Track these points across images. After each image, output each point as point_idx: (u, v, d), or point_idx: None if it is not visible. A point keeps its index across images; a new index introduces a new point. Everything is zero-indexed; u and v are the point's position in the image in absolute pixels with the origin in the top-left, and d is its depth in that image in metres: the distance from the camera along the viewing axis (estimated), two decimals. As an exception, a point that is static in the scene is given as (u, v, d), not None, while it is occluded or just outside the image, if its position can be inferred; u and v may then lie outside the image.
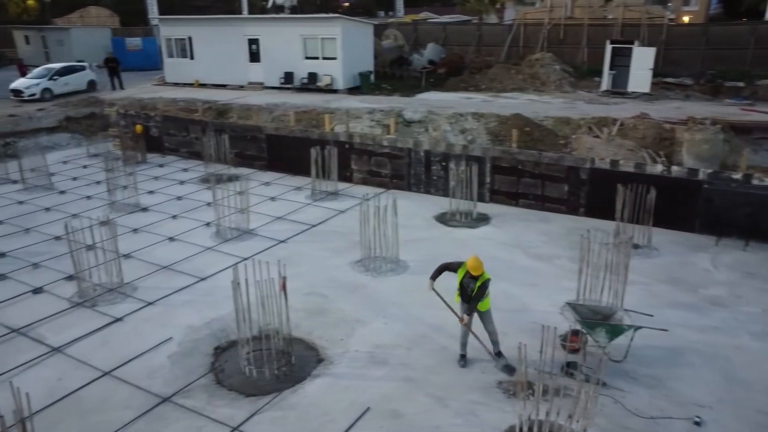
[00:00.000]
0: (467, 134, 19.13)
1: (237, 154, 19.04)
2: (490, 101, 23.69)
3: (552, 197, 14.26)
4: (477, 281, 7.51)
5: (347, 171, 16.93)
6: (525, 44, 33.63)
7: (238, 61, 26.94)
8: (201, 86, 28.16)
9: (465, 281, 7.65)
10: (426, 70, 30.21)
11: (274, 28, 25.76)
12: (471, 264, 7.48)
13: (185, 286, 10.39)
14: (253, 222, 13.42)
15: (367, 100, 23.28)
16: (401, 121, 19.76)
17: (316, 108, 21.85)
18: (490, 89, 27.57)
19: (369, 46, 27.92)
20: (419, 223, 13.70)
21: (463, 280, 7.66)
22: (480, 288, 7.54)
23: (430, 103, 22.49)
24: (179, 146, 20.56)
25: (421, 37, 37.28)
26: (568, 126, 19.33)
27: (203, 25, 27.26)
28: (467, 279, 7.61)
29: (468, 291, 7.64)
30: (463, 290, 7.71)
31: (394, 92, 26.22)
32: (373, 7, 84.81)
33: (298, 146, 17.52)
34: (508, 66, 29.06)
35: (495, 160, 14.76)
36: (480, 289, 7.55)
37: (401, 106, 21.46)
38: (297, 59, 25.60)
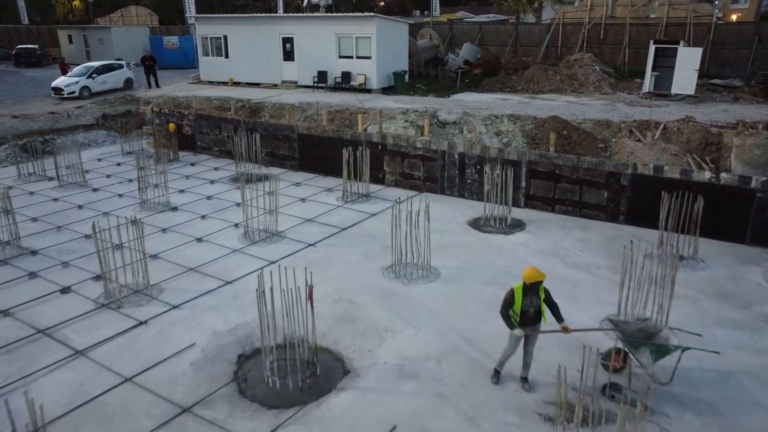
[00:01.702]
0: (503, 137, 18.60)
1: (268, 153, 18.91)
2: (526, 103, 23.07)
3: (590, 203, 13.67)
4: (540, 290, 7.00)
5: (380, 173, 16.60)
6: (563, 44, 32.80)
7: (272, 59, 26.87)
8: (235, 85, 28.20)
9: (526, 304, 6.98)
10: (461, 70, 29.70)
11: (308, 26, 25.61)
12: (529, 274, 6.90)
13: (211, 289, 10.19)
14: (283, 224, 13.19)
15: (401, 101, 22.92)
16: (435, 122, 19.34)
17: (349, 107, 21.58)
18: (526, 90, 26.90)
19: (404, 46, 27.55)
20: (452, 227, 13.27)
21: (524, 304, 6.98)
22: (547, 293, 7.08)
23: (465, 104, 22.00)
24: (212, 145, 20.54)
25: (457, 37, 36.74)
26: (607, 129, 18.62)
27: (238, 24, 27.28)
28: (528, 298, 6.98)
29: (531, 312, 7.03)
30: (525, 315, 7.04)
31: (429, 92, 25.79)
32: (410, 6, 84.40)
33: (330, 147, 17.29)
34: (545, 67, 28.32)
35: (531, 164, 14.23)
36: (547, 294, 7.09)
37: (436, 106, 21.03)
38: (331, 58, 25.40)
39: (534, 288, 6.94)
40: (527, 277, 6.88)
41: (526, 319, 7.06)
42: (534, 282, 6.88)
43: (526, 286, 6.94)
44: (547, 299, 7.12)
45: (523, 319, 7.05)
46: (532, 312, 7.04)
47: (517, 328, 7.01)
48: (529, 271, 6.92)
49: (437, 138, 18.21)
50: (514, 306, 6.98)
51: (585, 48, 31.68)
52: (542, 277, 6.88)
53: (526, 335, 7.16)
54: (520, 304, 6.96)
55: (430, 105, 21.43)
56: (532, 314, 7.06)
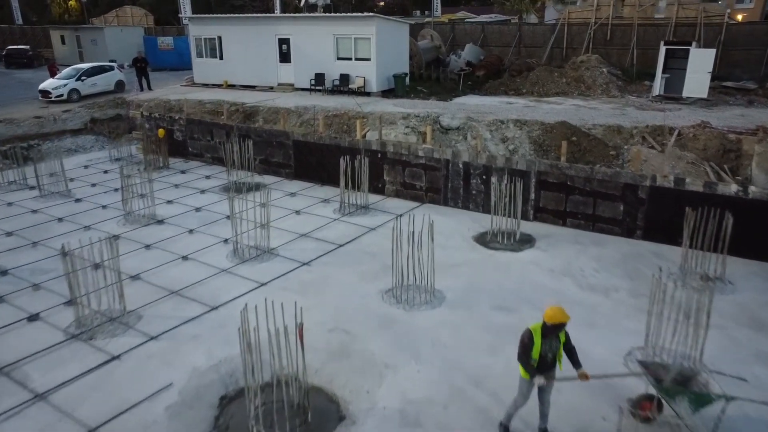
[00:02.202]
0: (509, 143, 17.72)
1: (262, 161, 18.03)
2: (532, 107, 22.18)
3: (605, 217, 12.78)
4: (562, 332, 6.16)
5: (379, 182, 15.72)
6: (569, 45, 31.95)
7: (268, 61, 26.00)
8: (230, 87, 27.32)
9: (545, 348, 6.09)
10: (464, 72, 28.82)
11: (305, 27, 24.73)
12: (552, 314, 5.99)
13: (195, 316, 9.31)
14: (275, 239, 12.31)
15: (401, 104, 22.04)
16: (438, 128, 18.46)
17: (347, 112, 20.70)
18: (531, 93, 26.03)
19: (404, 47, 26.68)
20: (457, 243, 12.39)
21: (543, 349, 6.10)
22: (567, 337, 6.25)
23: (468, 108, 21.13)
24: (203, 151, 19.66)
25: (459, 38, 35.89)
26: (619, 135, 17.74)
27: (233, 25, 26.40)
28: (548, 342, 6.10)
29: (550, 357, 6.16)
30: (543, 360, 6.15)
31: (431, 96, 24.92)
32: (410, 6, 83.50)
33: (327, 154, 16.42)
34: (551, 68, 27.45)
35: (541, 174, 13.35)
36: (568, 337, 6.25)
37: (438, 111, 20.15)
38: (329, 60, 24.52)
39: (556, 330, 6.05)
40: (549, 317, 5.99)
41: (543, 366, 6.17)
42: (557, 324, 5.99)
43: (546, 327, 6.05)
44: (567, 344, 6.24)
45: (540, 365, 6.15)
46: (551, 357, 6.16)
47: (538, 376, 6.10)
48: (552, 310, 6.02)
49: (440, 144, 17.34)
50: (532, 351, 6.08)
51: (591, 49, 30.82)
52: (566, 319, 6.00)
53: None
54: (539, 348, 6.06)
55: (431, 109, 20.56)
56: (550, 359, 6.18)
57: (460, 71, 29.11)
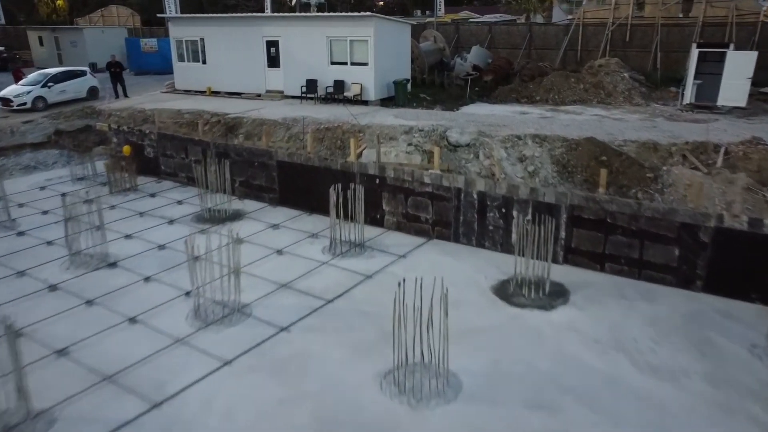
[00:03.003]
0: (528, 163, 15.39)
1: (243, 183, 15.72)
2: (549, 117, 19.86)
3: (655, 263, 10.45)
4: None
5: (377, 213, 13.40)
6: (583, 47, 29.63)
7: (255, 66, 23.67)
8: (214, 94, 24.99)
9: None
10: (470, 77, 26.49)
11: (295, 28, 22.40)
12: None
13: (129, 419, 6.97)
14: (249, 291, 10.00)
15: (403, 115, 19.72)
16: (445, 145, 16.13)
17: (341, 124, 18.37)
18: (546, 101, 23.71)
19: (406, 50, 24.34)
20: (473, 298, 10.06)
21: None
22: None
23: (478, 120, 18.80)
24: (177, 170, 17.33)
25: (464, 39, 33.59)
26: (655, 153, 15.42)
27: (216, 26, 24.07)
28: None
29: None
30: None
31: (435, 104, 22.59)
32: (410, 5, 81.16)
33: (317, 178, 14.11)
34: (566, 73, 25.11)
35: (574, 209, 11.02)
36: None
37: (444, 123, 17.83)
38: (321, 65, 22.19)
39: None
40: None
41: None
42: None
43: None
44: None
45: None
46: None
47: None
48: None
49: (448, 165, 15.02)
50: None
51: (608, 52, 28.50)
52: None
53: None
54: None
55: (437, 121, 18.23)
56: None
57: (466, 76, 26.77)
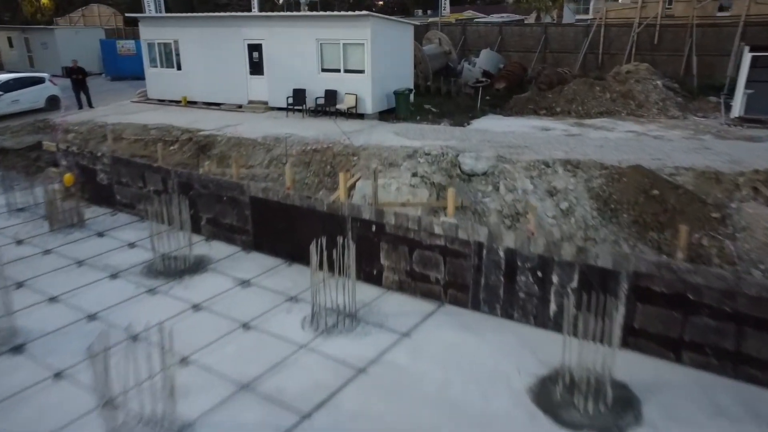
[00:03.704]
0: (559, 198, 12.58)
1: (210, 221, 12.93)
2: (577, 135, 17.09)
3: (759, 359, 7.65)
4: None
5: (373, 267, 10.60)
6: (605, 50, 26.85)
7: (236, 73, 20.88)
8: (190, 105, 22.21)
9: None
10: (481, 84, 23.69)
11: (280, 30, 19.59)
12: None
13: None
14: (196, 396, 7.19)
15: (405, 132, 16.94)
16: (458, 174, 13.34)
17: (332, 145, 15.59)
18: (568, 113, 20.94)
19: (407, 55, 21.53)
20: (504, 407, 7.24)
21: None
22: None
23: (494, 138, 16.03)
24: (135, 201, 14.53)
25: (471, 41, 30.81)
26: (718, 185, 12.61)
27: (192, 26, 21.27)
28: None
29: None
30: None
31: (442, 117, 19.79)
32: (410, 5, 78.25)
33: (298, 219, 11.31)
34: (590, 81, 22.31)
35: (639, 277, 8.21)
36: None
37: (455, 143, 15.06)
38: (311, 72, 19.39)
39: None
40: None
41: None
42: None
43: None
44: None
45: None
46: None
47: None
48: None
49: (462, 200, 12.21)
50: None
51: (633, 55, 25.72)
52: None
53: None
54: None
55: (446, 140, 15.46)
56: None
57: (476, 83, 23.98)
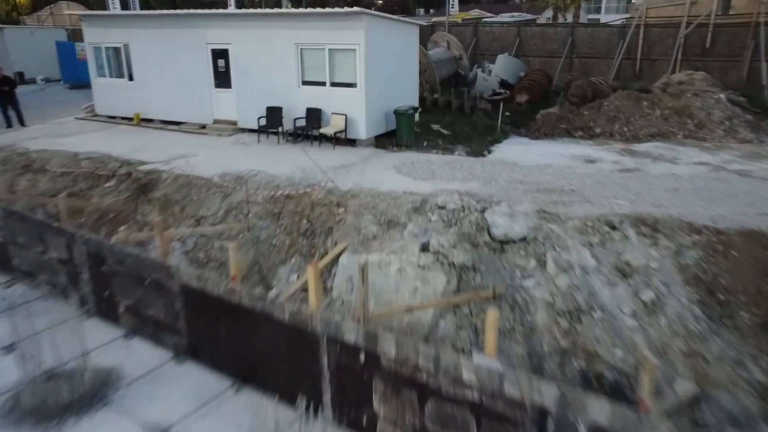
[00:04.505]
0: (637, 283, 8.66)
1: (130, 309, 9.05)
2: (635, 170, 13.25)
3: None
4: None
5: (362, 411, 6.71)
6: (645, 56, 22.99)
7: (198, 86, 17.02)
8: (144, 123, 18.34)
9: None
10: (499, 98, 19.84)
11: (250, 31, 15.72)
12: None
13: None
14: None
15: (409, 167, 13.09)
16: (485, 241, 9.44)
17: (310, 189, 11.71)
18: (611, 135, 17.10)
19: (412, 63, 17.64)
20: None
21: None
22: None
23: (527, 178, 12.17)
24: (35, 269, 10.65)
25: (484, 44, 26.95)
26: None
27: (144, 27, 17.39)
28: None
29: None
30: None
31: (454, 141, 15.92)
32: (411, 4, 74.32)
33: (250, 325, 7.45)
34: (636, 94, 18.42)
35: None
36: None
37: (476, 186, 11.20)
38: (288, 86, 15.52)
39: None
40: None
41: None
42: None
43: None
44: None
45: None
46: None
47: None
48: None
49: (494, 291, 8.36)
50: None
51: (680, 61, 21.86)
52: None
53: None
54: None
55: (464, 180, 11.59)
56: None
57: (493, 96, 20.13)
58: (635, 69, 22.97)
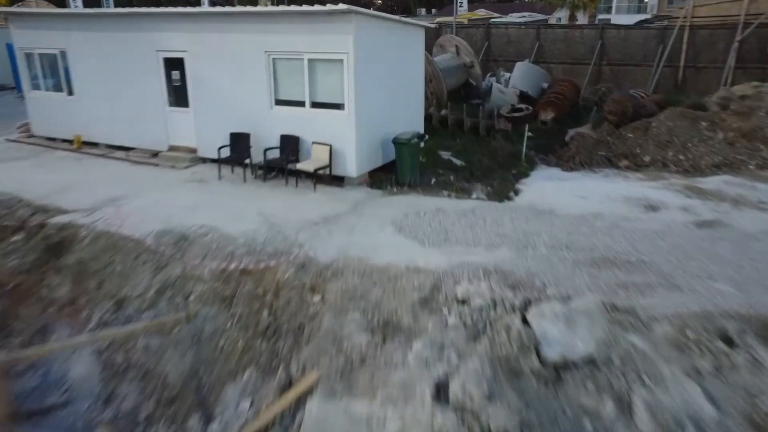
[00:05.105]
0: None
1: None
2: (716, 223, 10.00)
3: None
4: None
5: None
6: (689, 62, 19.74)
7: (149, 103, 13.79)
8: (87, 147, 15.08)
9: None
10: (520, 114, 16.62)
11: (210, 35, 12.48)
12: None
13: None
14: None
15: (414, 223, 9.85)
16: (530, 368, 6.17)
17: (279, 257, 8.46)
18: (663, 164, 13.88)
19: (416, 75, 14.33)
20: None
21: None
22: None
23: (574, 241, 8.95)
24: None
25: (497, 48, 23.71)
26: None
27: (84, 29, 14.15)
28: None
29: None
30: None
31: (470, 177, 12.66)
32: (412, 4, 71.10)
33: None
34: (693, 113, 15.17)
35: None
36: None
37: (507, 256, 7.98)
38: (258, 105, 12.26)
39: None
40: None
41: None
42: None
43: None
44: None
45: None
46: None
47: None
48: None
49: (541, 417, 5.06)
50: None
51: (733, 70, 18.63)
52: None
53: None
54: None
55: (489, 247, 8.35)
56: None
57: (512, 113, 16.90)
58: (676, 79, 19.76)
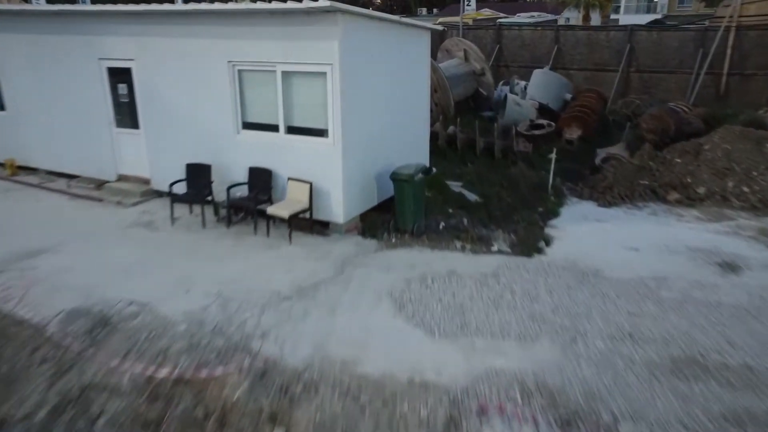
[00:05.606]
0: None
1: None
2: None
3: None
4: None
5: None
6: (735, 68, 17.32)
7: (93, 122, 11.36)
8: (25, 173, 12.65)
9: None
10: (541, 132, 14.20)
11: (162, 40, 10.08)
12: None
13: None
14: None
15: (417, 295, 7.44)
16: None
17: (231, 358, 6.01)
18: (723, 197, 11.44)
19: (420, 89, 11.78)
20: None
21: None
22: None
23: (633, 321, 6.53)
24: None
25: (510, 53, 21.29)
26: None
27: (14, 31, 11.75)
28: None
29: None
30: None
31: (489, 220, 10.20)
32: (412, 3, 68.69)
33: None
34: (753, 134, 12.76)
35: None
36: None
37: (548, 359, 5.53)
38: (222, 129, 9.84)
39: None
40: None
41: None
42: None
43: None
44: None
45: None
46: None
47: None
48: None
49: None
50: None
51: (786, 79, 16.25)
52: None
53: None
54: None
55: (521, 338, 5.85)
56: None
57: (532, 130, 14.47)
58: (718, 88, 17.39)
